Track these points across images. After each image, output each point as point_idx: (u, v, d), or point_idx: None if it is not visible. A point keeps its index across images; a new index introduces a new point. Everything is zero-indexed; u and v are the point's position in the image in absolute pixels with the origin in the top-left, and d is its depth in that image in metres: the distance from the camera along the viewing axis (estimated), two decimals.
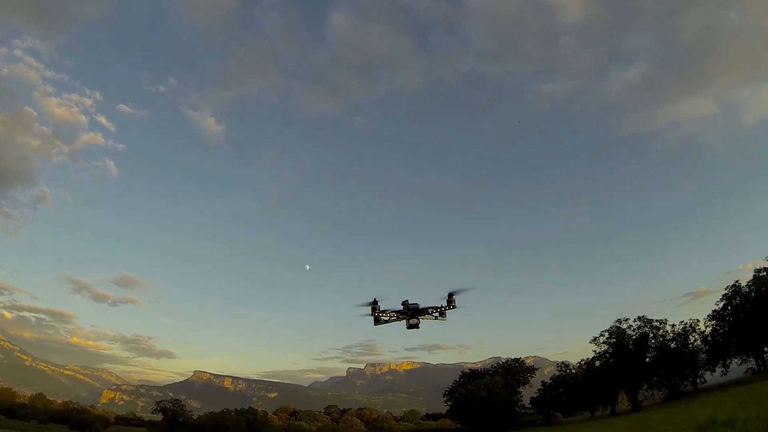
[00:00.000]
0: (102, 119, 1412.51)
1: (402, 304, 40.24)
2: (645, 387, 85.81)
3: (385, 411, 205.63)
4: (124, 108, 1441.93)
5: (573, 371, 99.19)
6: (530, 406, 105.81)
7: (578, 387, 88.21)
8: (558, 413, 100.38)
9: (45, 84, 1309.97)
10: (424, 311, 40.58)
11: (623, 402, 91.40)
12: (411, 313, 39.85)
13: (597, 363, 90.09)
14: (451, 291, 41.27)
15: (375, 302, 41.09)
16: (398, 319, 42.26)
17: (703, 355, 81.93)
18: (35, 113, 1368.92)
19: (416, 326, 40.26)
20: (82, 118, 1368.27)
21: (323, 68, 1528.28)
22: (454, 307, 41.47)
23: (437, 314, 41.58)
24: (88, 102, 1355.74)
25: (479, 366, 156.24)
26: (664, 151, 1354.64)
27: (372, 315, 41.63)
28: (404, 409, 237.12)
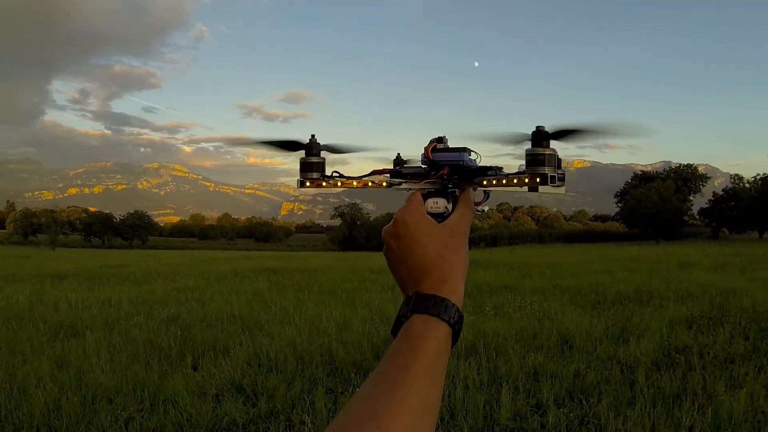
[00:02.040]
0: None
1: (428, 147, 1.40)
2: None
3: (555, 209, 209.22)
4: None
5: (747, 186, 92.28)
6: (698, 217, 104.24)
7: (750, 203, 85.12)
8: (725, 229, 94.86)
9: None
10: (474, 174, 1.49)
11: None
12: (439, 179, 1.45)
13: None
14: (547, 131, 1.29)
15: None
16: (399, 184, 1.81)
17: None
18: None
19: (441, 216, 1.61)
20: None
21: None
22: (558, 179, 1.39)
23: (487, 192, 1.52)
24: None
25: (649, 169, 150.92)
26: None
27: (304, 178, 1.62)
28: (573, 208, 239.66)
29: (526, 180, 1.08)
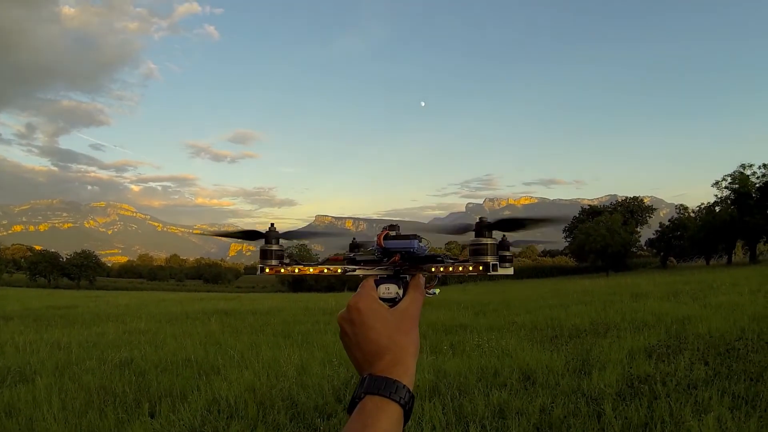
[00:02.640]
0: None
1: (381, 235, 1.37)
2: (764, 240, 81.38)
3: None
4: None
5: (692, 215, 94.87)
6: (646, 247, 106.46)
7: (696, 232, 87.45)
8: (672, 258, 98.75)
9: None
10: (423, 261, 1.37)
11: (739, 253, 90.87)
12: (391, 265, 1.60)
13: (717, 209, 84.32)
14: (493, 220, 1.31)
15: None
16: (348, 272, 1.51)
17: None
18: None
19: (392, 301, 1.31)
20: None
21: None
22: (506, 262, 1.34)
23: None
24: None
25: (596, 203, 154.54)
26: None
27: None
28: (521, 245, 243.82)
29: (471, 268, 1.20)
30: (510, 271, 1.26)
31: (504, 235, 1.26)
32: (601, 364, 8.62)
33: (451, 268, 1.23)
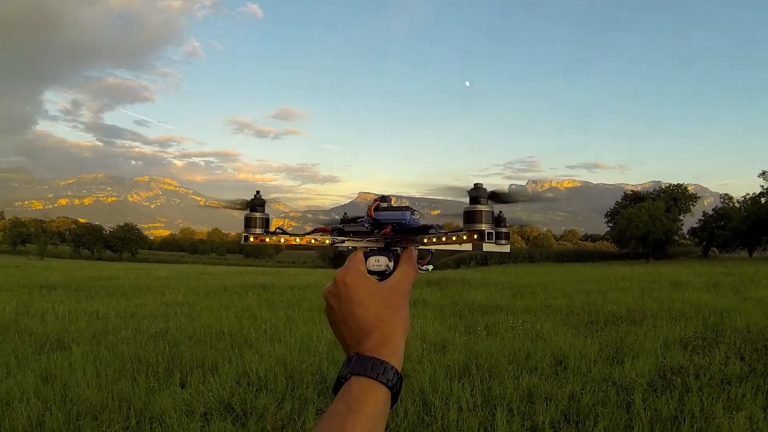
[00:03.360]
0: None
1: (371, 206, 1.31)
2: None
3: (545, 229, 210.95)
4: None
5: (736, 205, 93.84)
6: (688, 236, 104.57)
7: (740, 223, 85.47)
8: (715, 248, 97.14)
9: None
10: (416, 233, 1.25)
11: None
12: (382, 237, 1.30)
13: (763, 200, 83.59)
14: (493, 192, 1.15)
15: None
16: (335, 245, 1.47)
17: None
18: None
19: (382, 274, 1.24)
20: None
21: None
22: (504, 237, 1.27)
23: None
24: None
25: (639, 188, 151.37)
26: None
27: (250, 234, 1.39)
28: (564, 228, 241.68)
29: (465, 237, 1.08)
30: (507, 248, 1.20)
31: (500, 211, 1.20)
32: (634, 353, 8.51)
33: (444, 239, 1.15)
